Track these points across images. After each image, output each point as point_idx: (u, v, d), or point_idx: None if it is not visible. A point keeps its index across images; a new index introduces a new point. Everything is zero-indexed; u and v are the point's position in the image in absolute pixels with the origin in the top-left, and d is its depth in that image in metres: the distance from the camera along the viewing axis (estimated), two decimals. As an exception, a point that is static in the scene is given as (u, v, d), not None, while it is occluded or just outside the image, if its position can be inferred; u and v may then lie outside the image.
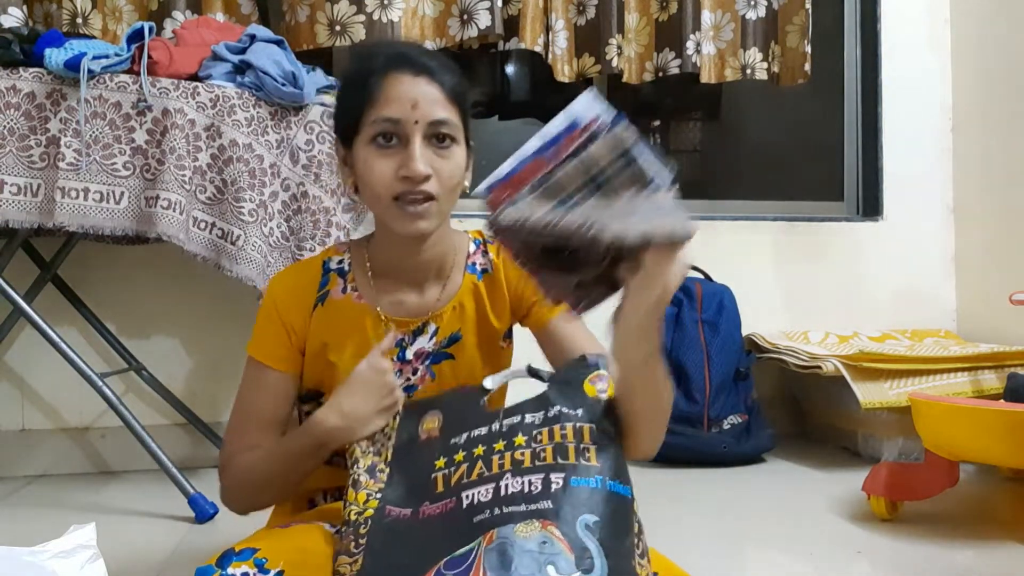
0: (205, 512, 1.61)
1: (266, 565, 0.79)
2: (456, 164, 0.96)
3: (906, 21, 2.61)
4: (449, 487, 0.78)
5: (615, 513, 0.75)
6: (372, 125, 0.93)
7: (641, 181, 0.72)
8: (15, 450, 2.01)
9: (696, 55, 2.37)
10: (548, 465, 0.75)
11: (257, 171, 1.69)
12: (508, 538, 0.69)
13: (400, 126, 0.92)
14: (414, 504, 0.79)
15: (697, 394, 2.13)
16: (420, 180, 0.92)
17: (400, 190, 0.92)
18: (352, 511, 0.80)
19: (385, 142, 0.93)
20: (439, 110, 0.93)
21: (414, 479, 0.82)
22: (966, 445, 1.54)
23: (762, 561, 1.46)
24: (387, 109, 0.92)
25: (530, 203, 0.72)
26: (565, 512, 0.72)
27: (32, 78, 1.60)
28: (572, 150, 0.72)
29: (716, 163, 2.85)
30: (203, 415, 2.06)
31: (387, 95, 0.92)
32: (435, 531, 0.74)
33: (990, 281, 2.48)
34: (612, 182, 0.72)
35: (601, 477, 0.76)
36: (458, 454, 0.80)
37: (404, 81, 0.93)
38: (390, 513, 0.78)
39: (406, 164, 0.91)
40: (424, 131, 0.93)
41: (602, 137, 0.72)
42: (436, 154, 0.94)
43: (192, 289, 2.08)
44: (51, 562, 0.89)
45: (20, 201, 1.60)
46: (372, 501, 0.80)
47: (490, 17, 2.15)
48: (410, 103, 0.92)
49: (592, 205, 0.72)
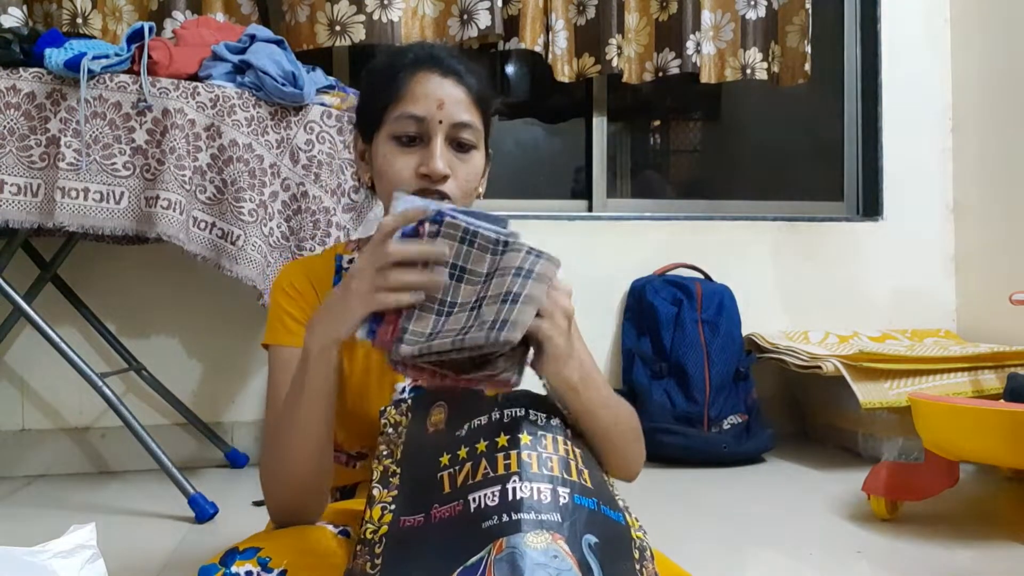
0: (205, 512, 1.61)
1: (270, 564, 0.79)
2: (474, 169, 0.96)
3: (906, 21, 2.61)
4: (456, 488, 0.77)
5: (612, 538, 0.75)
6: (396, 121, 0.93)
7: (492, 248, 0.76)
8: (15, 450, 2.01)
9: (696, 55, 2.37)
10: (554, 477, 0.75)
11: (257, 171, 1.69)
12: (518, 547, 0.68)
13: (424, 124, 0.92)
14: (425, 508, 0.78)
15: (697, 394, 2.13)
16: (438, 179, 0.92)
17: (417, 187, 0.92)
18: (368, 529, 0.79)
19: (408, 140, 0.93)
20: (463, 112, 0.94)
21: (422, 478, 0.81)
22: (966, 445, 1.54)
23: (762, 561, 1.46)
24: (413, 106, 0.92)
25: (414, 331, 0.75)
26: (572, 528, 0.72)
27: (32, 78, 1.60)
28: (422, 266, 0.75)
29: (716, 163, 2.85)
30: (203, 415, 2.07)
31: (414, 92, 0.93)
32: (446, 539, 0.73)
33: (990, 281, 2.48)
34: (469, 266, 0.76)
35: (596, 500, 0.76)
36: (461, 450, 0.79)
37: (432, 80, 0.93)
38: (404, 524, 0.78)
39: (426, 162, 0.92)
40: (447, 132, 0.93)
41: (442, 234, 0.75)
42: (456, 157, 0.94)
43: (192, 289, 2.08)
44: (51, 562, 0.89)
45: (20, 201, 1.60)
46: (387, 515, 0.79)
47: (490, 17, 2.15)
48: (436, 102, 0.92)
49: (464, 296, 0.76)
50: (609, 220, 2.44)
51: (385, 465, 0.85)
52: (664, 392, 2.15)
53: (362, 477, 1.06)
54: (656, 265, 2.39)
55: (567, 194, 2.59)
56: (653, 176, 2.78)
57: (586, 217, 2.46)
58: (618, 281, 2.38)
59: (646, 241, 2.42)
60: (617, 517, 0.78)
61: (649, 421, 2.11)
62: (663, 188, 2.78)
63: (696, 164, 2.88)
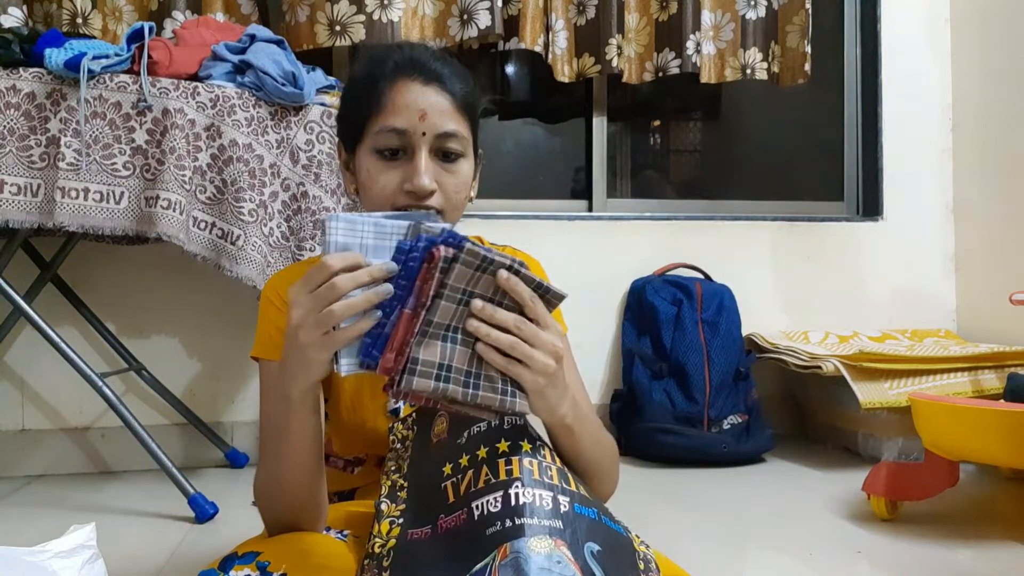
0: (205, 512, 1.61)
1: (268, 568, 0.78)
2: (462, 179, 0.92)
3: (906, 21, 2.61)
4: (459, 497, 0.77)
5: (615, 547, 0.75)
6: (377, 134, 0.89)
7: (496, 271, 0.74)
8: (15, 450, 2.01)
9: (696, 55, 2.37)
10: (555, 486, 0.75)
11: (257, 171, 1.69)
12: (522, 552, 0.68)
13: (406, 137, 0.89)
14: (431, 520, 0.78)
15: (697, 394, 2.13)
16: (425, 195, 0.88)
17: (403, 203, 0.89)
18: (376, 544, 0.79)
19: (391, 154, 0.89)
20: (448, 122, 0.90)
21: (428, 489, 0.81)
22: (966, 445, 1.54)
23: (762, 561, 1.46)
24: (394, 118, 0.88)
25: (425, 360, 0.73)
26: (574, 535, 0.71)
27: (32, 78, 1.60)
28: (435, 290, 0.72)
29: (716, 163, 2.85)
30: (203, 415, 2.07)
31: (395, 103, 0.89)
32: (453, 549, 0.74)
33: (990, 281, 2.48)
34: (477, 291, 0.74)
35: (596, 510, 0.76)
36: (463, 458, 0.79)
37: (413, 89, 0.89)
38: (411, 537, 0.78)
39: (411, 178, 0.88)
40: (431, 143, 0.89)
41: (461, 260, 0.71)
42: (442, 168, 0.90)
43: (192, 289, 2.08)
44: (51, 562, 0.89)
45: (20, 201, 1.60)
46: (395, 529, 0.79)
47: (490, 17, 2.15)
48: (418, 113, 0.88)
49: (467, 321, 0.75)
50: (609, 220, 2.44)
51: (393, 480, 0.85)
52: (664, 392, 2.15)
53: (360, 482, 1.05)
54: (656, 265, 2.39)
55: (567, 194, 2.59)
56: (653, 176, 2.78)
57: (586, 217, 2.46)
58: (618, 281, 2.38)
59: (646, 241, 2.42)
60: (618, 529, 0.78)
61: (649, 421, 2.11)
62: (663, 188, 2.77)
63: (696, 164, 2.88)
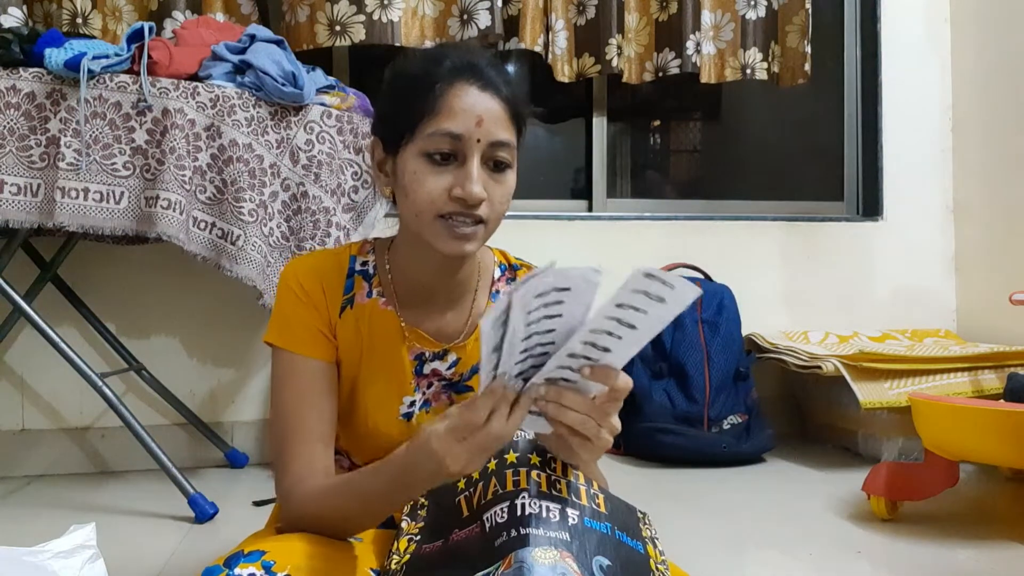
0: (205, 512, 1.61)
1: (274, 568, 0.77)
2: (508, 190, 0.90)
3: (906, 21, 2.61)
4: (473, 510, 0.77)
5: (628, 563, 0.74)
6: (430, 137, 0.86)
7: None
8: (15, 450, 2.01)
9: (696, 55, 2.37)
10: (563, 499, 0.75)
11: (257, 171, 1.69)
12: (526, 562, 0.67)
13: (460, 142, 0.85)
14: (445, 534, 0.78)
15: (697, 394, 2.13)
16: (475, 204, 0.86)
17: (450, 210, 0.86)
18: (393, 560, 0.79)
19: (441, 158, 0.86)
20: (502, 130, 0.87)
21: (445, 506, 0.81)
22: (966, 445, 1.54)
23: (762, 561, 1.46)
24: (450, 122, 0.85)
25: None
26: (582, 548, 0.71)
27: (32, 78, 1.60)
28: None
29: (716, 163, 2.85)
30: (203, 415, 2.07)
31: (451, 106, 0.85)
32: (463, 560, 0.74)
33: (990, 281, 2.48)
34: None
35: (610, 524, 0.75)
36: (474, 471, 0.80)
37: (471, 93, 0.86)
38: (423, 551, 0.78)
39: (462, 184, 0.85)
40: (484, 151, 0.86)
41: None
42: (491, 177, 0.88)
43: (192, 289, 2.08)
44: (51, 562, 0.89)
45: (20, 201, 1.60)
46: (411, 546, 0.80)
47: (490, 17, 2.15)
48: (475, 119, 0.85)
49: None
50: (609, 220, 2.44)
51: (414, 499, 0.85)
52: (664, 392, 2.15)
53: None
54: (656, 265, 2.38)
55: (567, 194, 2.59)
56: (653, 176, 2.78)
57: (586, 217, 2.46)
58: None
59: (646, 241, 2.42)
60: (635, 545, 0.76)
61: (649, 421, 2.11)
62: (663, 188, 2.78)
63: (696, 164, 2.88)
